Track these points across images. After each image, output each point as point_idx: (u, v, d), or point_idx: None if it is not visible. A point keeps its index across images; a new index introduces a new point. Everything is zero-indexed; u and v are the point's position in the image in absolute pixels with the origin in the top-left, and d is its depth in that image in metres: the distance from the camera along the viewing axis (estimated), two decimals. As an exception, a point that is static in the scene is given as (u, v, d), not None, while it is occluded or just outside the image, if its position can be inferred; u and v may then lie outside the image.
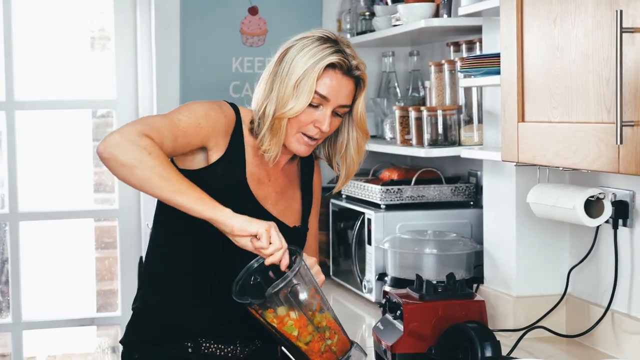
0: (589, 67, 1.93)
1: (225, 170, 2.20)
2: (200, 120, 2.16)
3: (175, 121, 2.12)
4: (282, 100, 2.18)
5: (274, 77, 2.21)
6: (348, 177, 2.36)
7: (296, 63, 2.18)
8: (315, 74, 2.16)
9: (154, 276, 2.31)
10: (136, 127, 2.04)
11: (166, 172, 2.01)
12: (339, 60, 2.18)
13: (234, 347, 2.26)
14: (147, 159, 2.00)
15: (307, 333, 2.09)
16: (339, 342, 2.14)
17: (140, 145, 2.01)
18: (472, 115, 3.09)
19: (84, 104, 4.22)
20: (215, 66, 3.99)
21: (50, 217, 4.20)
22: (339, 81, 2.20)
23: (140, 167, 2.00)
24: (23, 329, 4.09)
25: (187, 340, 2.24)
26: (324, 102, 2.20)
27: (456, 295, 2.40)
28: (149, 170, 2.00)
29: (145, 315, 2.30)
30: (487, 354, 2.21)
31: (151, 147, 2.02)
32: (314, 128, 2.21)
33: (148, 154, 2.01)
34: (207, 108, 2.20)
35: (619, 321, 2.50)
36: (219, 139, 2.20)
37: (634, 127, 1.78)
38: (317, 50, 2.18)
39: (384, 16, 3.59)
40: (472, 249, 3.05)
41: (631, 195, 2.45)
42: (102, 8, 4.18)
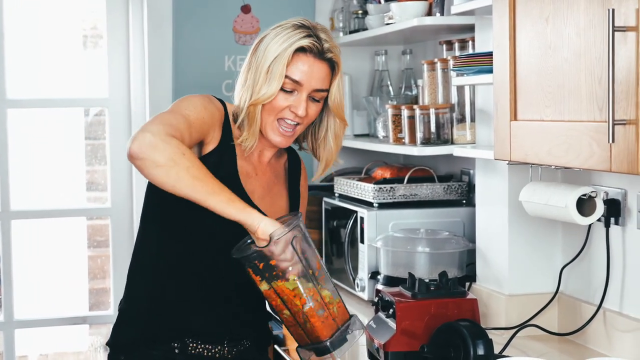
0: (581, 65, 1.94)
1: (217, 161, 2.20)
2: (203, 114, 2.17)
3: (186, 117, 2.12)
4: (256, 87, 2.18)
5: (249, 67, 2.22)
6: (327, 166, 2.35)
7: (269, 50, 2.18)
8: (285, 58, 2.16)
9: (140, 277, 2.29)
10: (162, 127, 2.03)
11: (199, 173, 2.01)
12: (309, 43, 2.18)
13: (222, 347, 2.25)
14: (182, 160, 1.99)
15: (309, 293, 2.05)
16: (339, 310, 2.11)
17: (174, 146, 2.00)
18: (465, 113, 3.09)
19: (76, 103, 4.21)
20: (207, 64, 3.99)
21: (43, 215, 4.19)
22: (310, 65, 2.19)
23: (175, 167, 1.99)
24: (15, 327, 4.08)
25: (173, 340, 2.22)
26: (297, 86, 2.19)
27: (449, 294, 2.40)
28: (184, 171, 1.99)
29: (131, 316, 2.28)
30: (480, 352, 2.21)
31: (183, 147, 2.02)
32: (290, 112, 2.21)
33: (182, 154, 2.00)
34: (204, 101, 2.21)
35: (611, 319, 2.50)
36: (215, 132, 2.21)
37: (626, 126, 1.78)
38: (289, 35, 2.18)
39: (377, 15, 3.59)
40: (464, 248, 3.05)
41: (623, 193, 2.46)
42: (95, 6, 4.18)
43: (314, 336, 2.08)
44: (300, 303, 2.05)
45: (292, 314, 2.08)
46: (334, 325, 2.09)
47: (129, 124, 4.08)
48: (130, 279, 2.32)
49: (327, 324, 2.08)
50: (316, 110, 2.25)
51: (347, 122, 2.34)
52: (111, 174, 4.11)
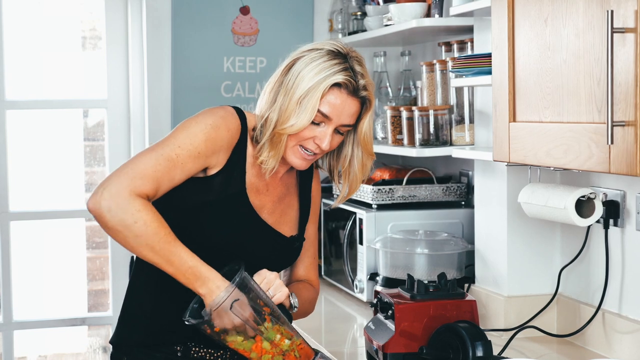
0: (580, 67, 1.94)
1: (224, 181, 2.16)
2: (200, 149, 2.09)
3: (171, 158, 2.06)
4: (284, 114, 2.12)
5: (278, 88, 2.15)
6: (350, 193, 2.30)
7: (302, 77, 2.11)
8: (319, 93, 2.10)
9: (144, 279, 2.28)
10: (127, 185, 2.00)
11: (154, 241, 2.00)
12: (345, 79, 2.12)
13: (224, 352, 2.24)
14: (135, 228, 1.98)
15: (259, 348, 2.05)
16: (300, 353, 2.09)
17: (129, 211, 1.98)
18: (464, 115, 3.09)
19: (75, 104, 4.21)
20: (206, 66, 3.99)
21: (41, 216, 4.19)
22: (343, 101, 2.13)
23: (128, 235, 1.99)
24: (14, 329, 4.08)
25: (176, 344, 2.22)
26: (326, 120, 2.14)
27: (447, 295, 2.40)
28: (142, 240, 1.99)
29: (135, 317, 2.27)
30: (478, 354, 2.21)
31: (139, 211, 1.98)
32: (314, 144, 2.16)
33: (134, 222, 1.98)
34: (209, 130, 2.11)
35: (610, 321, 2.50)
36: (220, 156, 2.15)
37: (624, 127, 1.78)
38: (324, 66, 2.12)
39: (376, 16, 3.59)
40: (463, 249, 3.05)
41: (622, 195, 2.46)
42: (93, 8, 4.18)
43: None
44: (254, 357, 2.06)
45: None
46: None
47: (128, 125, 4.08)
48: (133, 282, 2.31)
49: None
50: (338, 142, 2.21)
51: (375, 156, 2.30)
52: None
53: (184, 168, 2.08)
